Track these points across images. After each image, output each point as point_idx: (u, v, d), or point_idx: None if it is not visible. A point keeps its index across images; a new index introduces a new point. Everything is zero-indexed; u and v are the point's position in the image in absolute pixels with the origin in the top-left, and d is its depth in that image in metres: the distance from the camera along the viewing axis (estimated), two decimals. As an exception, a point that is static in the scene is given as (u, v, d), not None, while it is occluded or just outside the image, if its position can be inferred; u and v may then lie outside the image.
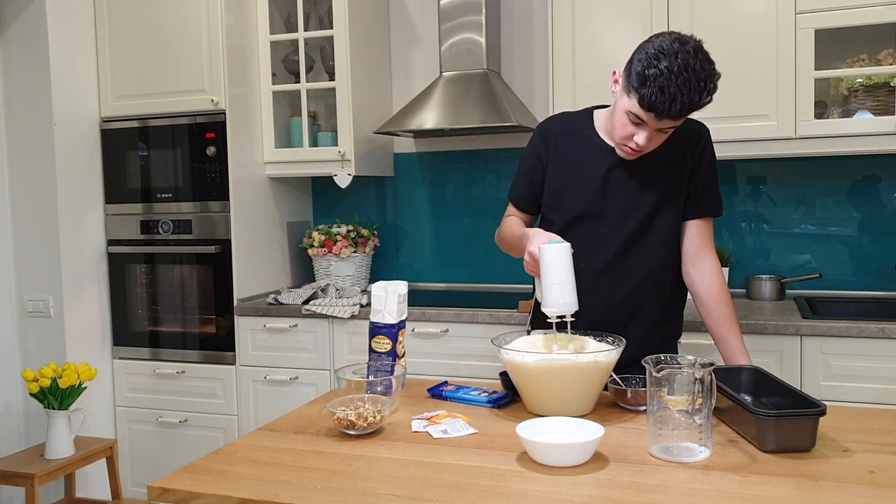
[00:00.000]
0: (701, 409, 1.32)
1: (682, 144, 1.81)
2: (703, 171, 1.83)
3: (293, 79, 3.32)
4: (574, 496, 1.19)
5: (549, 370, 1.54)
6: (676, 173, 1.82)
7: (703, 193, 1.84)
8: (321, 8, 3.29)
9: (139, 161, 3.18)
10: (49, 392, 2.72)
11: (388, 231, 3.56)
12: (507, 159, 3.36)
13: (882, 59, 2.60)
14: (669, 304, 1.90)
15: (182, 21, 3.06)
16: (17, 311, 3.08)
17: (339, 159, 3.14)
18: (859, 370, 2.37)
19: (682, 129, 1.78)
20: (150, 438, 3.22)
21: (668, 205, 1.82)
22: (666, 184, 1.81)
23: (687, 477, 1.26)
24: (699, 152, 1.82)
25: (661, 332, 1.89)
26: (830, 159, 2.92)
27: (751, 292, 2.91)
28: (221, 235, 3.09)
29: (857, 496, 1.17)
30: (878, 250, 2.92)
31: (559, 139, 1.89)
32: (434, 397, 1.78)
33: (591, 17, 2.83)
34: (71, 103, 3.06)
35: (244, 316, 3.07)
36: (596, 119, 1.89)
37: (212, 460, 1.41)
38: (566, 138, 1.89)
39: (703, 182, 1.84)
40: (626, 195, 1.81)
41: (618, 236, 1.82)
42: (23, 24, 2.96)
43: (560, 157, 1.88)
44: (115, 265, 3.24)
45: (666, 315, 1.90)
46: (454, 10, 3.11)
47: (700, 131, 1.85)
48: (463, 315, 2.79)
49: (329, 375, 2.97)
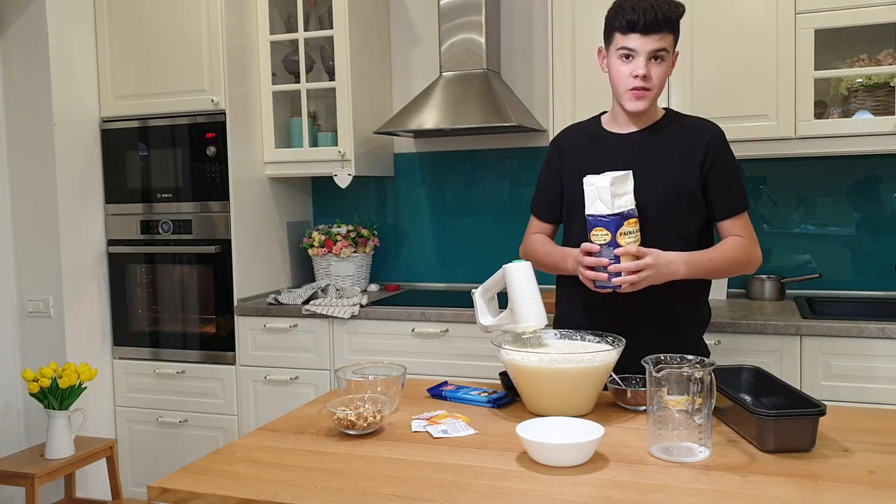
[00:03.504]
0: (701, 409, 1.32)
1: (693, 142, 1.83)
2: (720, 170, 1.83)
3: (293, 79, 3.32)
4: (574, 496, 1.19)
5: (549, 370, 1.54)
6: (686, 168, 1.82)
7: (728, 193, 1.85)
8: (321, 8, 3.29)
9: (139, 161, 3.18)
10: (49, 392, 2.72)
11: (388, 231, 3.56)
12: (507, 159, 3.36)
13: (882, 59, 2.60)
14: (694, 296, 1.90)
15: (182, 21, 3.06)
16: (17, 311, 3.08)
17: (339, 159, 3.14)
18: (859, 370, 2.37)
19: (693, 128, 1.84)
20: (150, 438, 3.22)
21: (678, 190, 1.82)
22: (677, 176, 1.82)
23: (687, 477, 1.26)
24: (713, 153, 1.83)
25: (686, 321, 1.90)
26: (830, 159, 2.92)
27: (751, 292, 2.91)
28: (221, 235, 3.09)
29: (857, 496, 1.17)
30: (878, 250, 2.92)
31: (570, 148, 1.95)
32: (434, 397, 1.78)
33: (591, 17, 2.82)
34: (71, 103, 3.06)
35: (244, 316, 3.07)
36: (603, 120, 1.95)
37: (212, 460, 1.41)
38: (578, 144, 1.94)
39: (724, 181, 1.84)
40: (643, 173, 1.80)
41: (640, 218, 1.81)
42: (23, 24, 2.96)
43: (575, 164, 1.92)
44: (115, 265, 3.24)
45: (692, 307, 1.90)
46: (454, 10, 3.11)
47: (712, 133, 1.85)
48: (463, 315, 2.79)
49: (329, 375, 2.97)
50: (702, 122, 1.89)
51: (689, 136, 1.85)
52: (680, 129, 1.86)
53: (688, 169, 1.82)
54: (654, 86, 1.78)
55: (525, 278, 1.69)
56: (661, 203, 1.80)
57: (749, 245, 1.86)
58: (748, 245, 1.86)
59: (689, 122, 1.89)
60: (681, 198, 1.82)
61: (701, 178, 1.83)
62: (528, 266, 1.71)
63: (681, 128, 1.87)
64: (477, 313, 1.85)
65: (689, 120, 1.90)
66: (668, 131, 1.86)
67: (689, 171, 1.82)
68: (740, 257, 1.84)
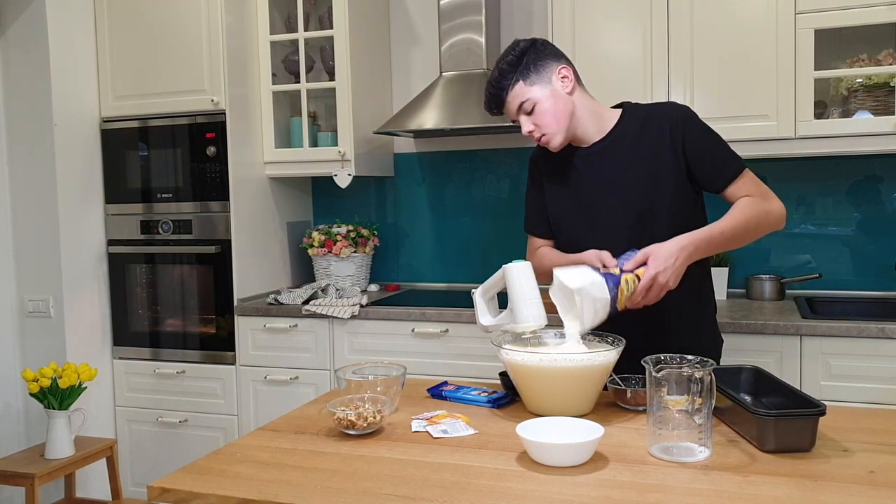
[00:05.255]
0: (701, 409, 1.32)
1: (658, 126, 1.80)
2: (694, 143, 1.78)
3: (293, 79, 3.32)
4: (574, 496, 1.19)
5: (549, 370, 1.54)
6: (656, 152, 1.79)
7: (714, 161, 1.79)
8: (321, 8, 3.29)
9: (139, 161, 3.18)
10: (49, 392, 2.72)
11: (388, 231, 3.56)
12: (507, 159, 3.36)
13: (882, 59, 2.60)
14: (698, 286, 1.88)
15: (182, 21, 3.06)
16: (17, 311, 3.08)
17: (339, 159, 3.14)
18: (859, 370, 2.37)
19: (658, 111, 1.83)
20: (150, 438, 3.22)
21: (659, 181, 1.79)
22: (649, 162, 1.79)
23: (687, 477, 1.26)
24: (680, 130, 1.78)
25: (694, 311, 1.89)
26: (830, 159, 2.92)
27: (751, 292, 2.91)
28: (221, 235, 3.09)
29: (857, 496, 1.17)
30: (878, 250, 2.92)
31: (543, 160, 1.95)
32: (434, 397, 1.78)
33: (591, 17, 2.83)
34: (71, 103, 3.06)
35: (244, 316, 3.07)
36: None
37: (212, 460, 1.41)
38: (548, 156, 1.92)
39: (705, 152, 1.79)
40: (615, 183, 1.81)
41: (624, 224, 1.80)
42: (23, 24, 2.96)
43: (549, 176, 1.94)
44: (116, 265, 3.24)
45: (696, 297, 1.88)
46: (454, 10, 3.11)
47: (671, 112, 1.81)
48: (463, 315, 2.79)
49: (329, 375, 2.98)
50: (661, 107, 1.84)
51: (651, 127, 1.80)
52: (640, 125, 1.82)
53: (660, 160, 1.79)
54: (545, 129, 1.80)
55: (525, 278, 1.69)
56: (643, 206, 1.79)
57: (760, 200, 1.76)
58: (759, 201, 1.76)
59: (648, 111, 1.85)
60: (663, 193, 1.79)
61: (678, 161, 1.78)
62: (528, 266, 1.71)
63: (640, 123, 1.82)
64: (477, 313, 1.85)
65: (647, 109, 1.86)
66: (626, 133, 1.83)
67: (663, 161, 1.78)
68: (755, 215, 1.74)
